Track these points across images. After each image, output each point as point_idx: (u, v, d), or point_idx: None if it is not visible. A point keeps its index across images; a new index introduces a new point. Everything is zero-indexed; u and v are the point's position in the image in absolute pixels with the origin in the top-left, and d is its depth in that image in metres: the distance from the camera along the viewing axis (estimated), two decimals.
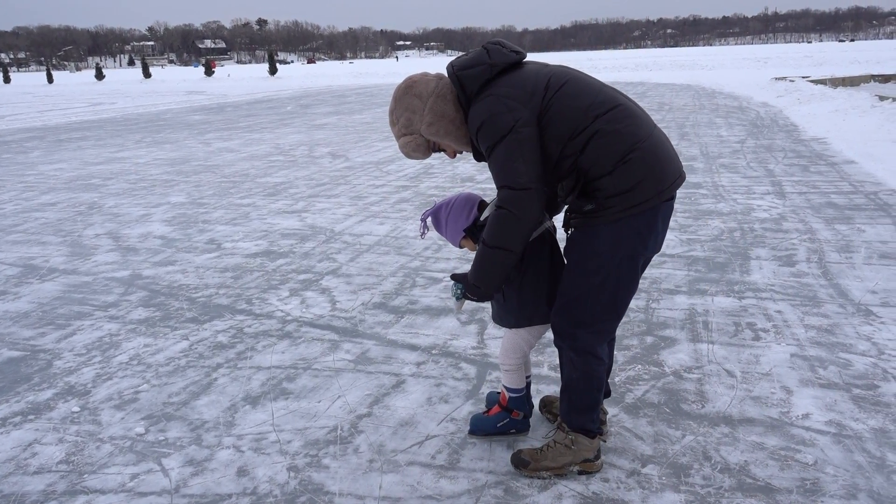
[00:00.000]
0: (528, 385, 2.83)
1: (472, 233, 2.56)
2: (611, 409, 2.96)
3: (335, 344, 3.75)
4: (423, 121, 2.35)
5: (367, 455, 2.70)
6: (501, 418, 2.77)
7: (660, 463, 2.58)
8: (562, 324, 2.44)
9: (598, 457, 2.56)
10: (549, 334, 2.69)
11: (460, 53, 2.56)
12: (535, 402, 2.96)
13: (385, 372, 3.40)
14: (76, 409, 3.14)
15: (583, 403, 2.52)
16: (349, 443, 2.79)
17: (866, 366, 3.27)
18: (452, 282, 2.53)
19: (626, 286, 2.37)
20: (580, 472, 2.54)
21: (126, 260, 5.49)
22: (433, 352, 3.61)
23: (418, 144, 2.40)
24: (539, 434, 2.81)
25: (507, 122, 2.20)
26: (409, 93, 2.38)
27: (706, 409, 2.95)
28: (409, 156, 2.46)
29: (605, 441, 2.72)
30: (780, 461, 2.56)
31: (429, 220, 2.65)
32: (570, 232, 2.43)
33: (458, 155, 2.52)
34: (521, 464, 2.55)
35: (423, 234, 2.71)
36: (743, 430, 2.77)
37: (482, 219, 2.52)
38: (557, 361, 3.38)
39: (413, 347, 3.67)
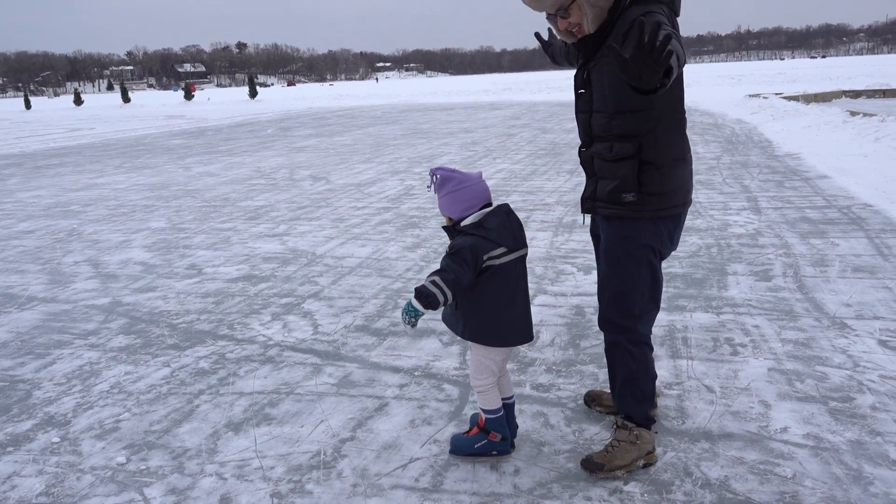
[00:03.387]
0: (511, 406, 2.85)
1: (450, 230, 2.60)
2: (591, 427, 2.99)
3: (317, 368, 3.75)
4: None
5: (350, 479, 2.70)
6: (479, 439, 2.78)
7: (641, 480, 2.61)
8: (616, 318, 2.64)
9: (654, 447, 2.71)
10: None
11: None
12: (524, 421, 2.97)
13: (368, 395, 3.41)
14: (56, 439, 3.12)
15: (644, 394, 2.70)
16: (332, 467, 2.79)
17: (842, 378, 3.32)
18: (407, 304, 2.49)
19: (661, 278, 2.66)
20: (644, 465, 2.67)
21: (106, 287, 5.46)
22: (416, 374, 3.62)
23: None
24: (523, 454, 2.82)
25: (666, 22, 2.26)
26: None
27: (686, 424, 2.98)
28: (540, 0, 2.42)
29: (656, 432, 2.83)
30: (759, 475, 2.60)
31: (438, 176, 2.60)
32: (600, 218, 2.66)
33: (568, 31, 2.50)
34: (596, 468, 2.63)
35: (429, 186, 2.69)
36: (723, 445, 2.81)
37: (465, 224, 2.56)
38: (541, 380, 3.42)
39: (396, 370, 3.68)
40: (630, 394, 2.70)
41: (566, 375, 3.50)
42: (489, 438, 2.76)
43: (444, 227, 2.69)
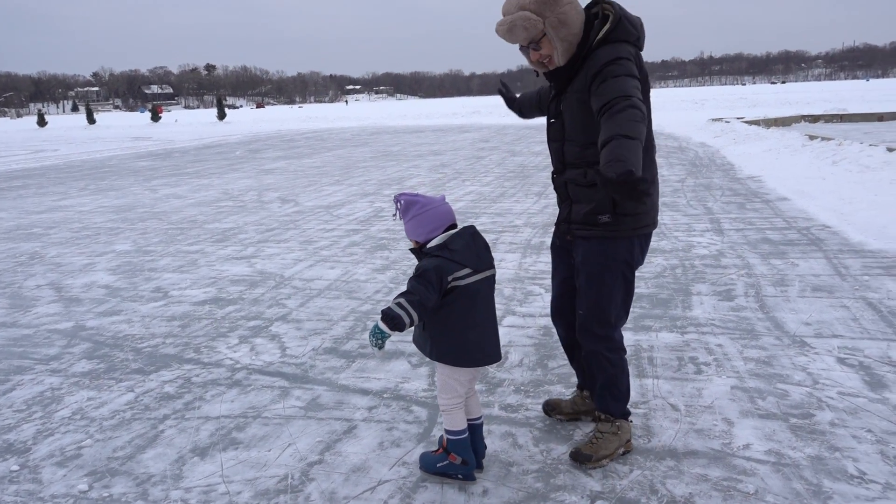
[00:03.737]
0: (479, 426, 2.85)
1: (417, 253, 2.64)
2: (559, 447, 3.02)
3: (285, 391, 3.73)
4: (555, 13, 2.56)
5: (318, 503, 2.68)
6: (440, 459, 2.79)
7: (608, 498, 2.63)
8: (595, 328, 2.83)
9: (631, 435, 2.97)
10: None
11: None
12: (492, 442, 2.98)
13: (336, 418, 3.39)
14: (15, 467, 3.05)
15: (623, 392, 2.94)
16: (300, 491, 2.77)
17: (802, 395, 3.40)
18: (374, 326, 2.50)
19: (632, 289, 2.88)
20: (624, 453, 2.91)
21: (69, 311, 5.37)
22: (385, 396, 3.62)
23: (531, 27, 2.56)
24: (491, 475, 2.83)
25: (633, 70, 2.56)
26: None
27: (652, 443, 3.02)
28: (511, 31, 2.59)
29: (631, 421, 3.06)
30: (722, 492, 2.64)
31: (402, 202, 2.64)
32: (576, 239, 2.83)
33: (539, 62, 2.68)
34: (584, 458, 2.83)
35: (394, 215, 2.73)
36: (687, 462, 2.85)
37: (430, 246, 2.60)
38: (509, 401, 3.44)
39: (364, 392, 3.68)
40: (609, 394, 2.92)
41: (534, 396, 3.52)
42: (450, 460, 2.76)
43: (411, 250, 2.72)
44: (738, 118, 22.87)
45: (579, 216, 2.78)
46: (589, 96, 2.59)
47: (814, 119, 23.44)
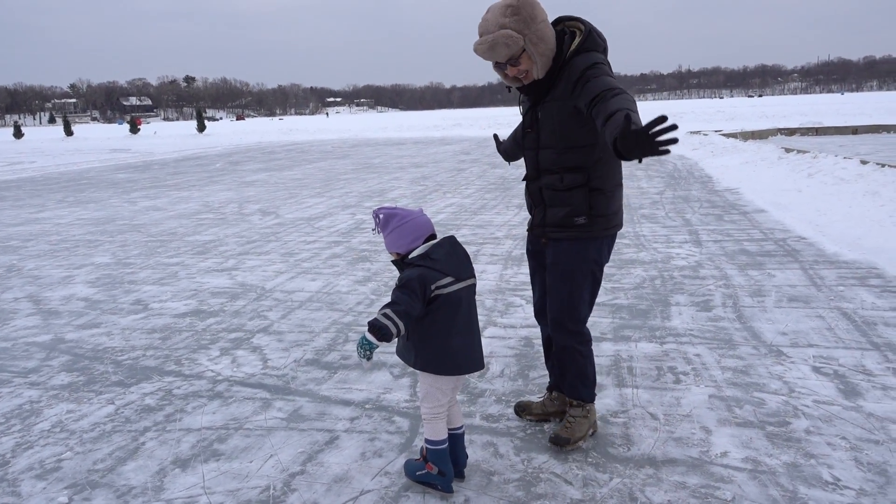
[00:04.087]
0: (460, 436, 2.87)
1: (399, 264, 2.67)
2: (540, 456, 3.05)
3: (267, 402, 3.73)
4: (533, 31, 2.74)
5: None
6: (419, 468, 2.81)
7: None
8: (568, 324, 3.04)
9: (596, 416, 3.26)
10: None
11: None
12: (474, 451, 3.00)
13: (318, 429, 3.40)
14: None
15: (590, 380, 3.16)
16: (282, 502, 2.77)
17: (778, 404, 3.46)
18: (362, 337, 2.52)
19: (598, 287, 3.10)
20: (592, 433, 3.19)
21: (47, 324, 5.32)
22: (367, 406, 3.63)
23: (513, 43, 2.71)
24: (473, 483, 2.85)
25: (610, 73, 2.82)
26: (531, 5, 2.75)
27: (632, 451, 3.06)
28: (492, 49, 2.73)
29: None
30: (700, 499, 2.68)
31: (381, 216, 2.69)
32: (549, 242, 3.02)
33: (516, 78, 2.85)
34: (563, 441, 3.06)
35: (374, 229, 2.77)
36: (666, 470, 2.89)
37: (412, 256, 2.64)
38: (491, 411, 3.46)
39: (346, 403, 3.68)
40: (580, 383, 3.14)
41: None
42: (427, 469, 2.77)
43: (393, 262, 2.75)
44: (716, 131, 23.17)
45: (555, 219, 2.96)
46: (571, 102, 2.79)
47: (790, 132, 23.81)
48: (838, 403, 3.43)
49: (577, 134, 2.84)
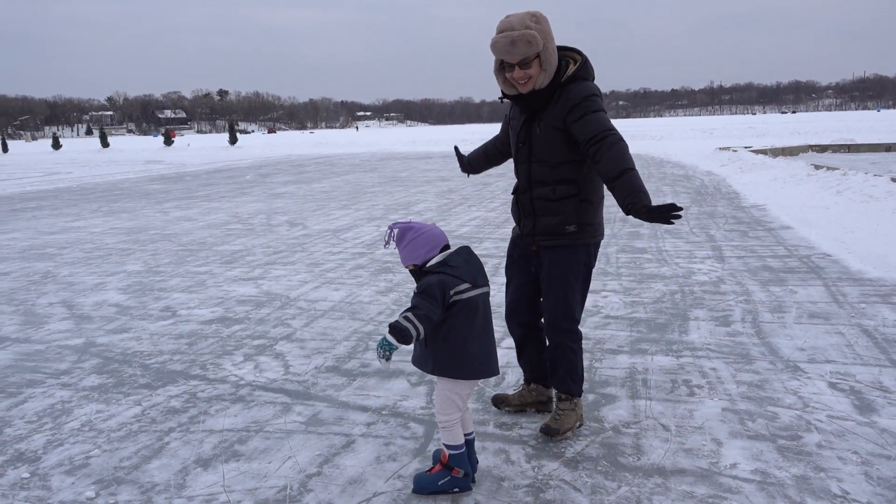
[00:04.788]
0: (471, 442, 2.95)
1: (417, 273, 2.76)
2: (550, 464, 3.10)
3: (287, 406, 3.83)
4: (549, 42, 3.00)
5: None
6: (443, 476, 2.86)
7: None
8: (563, 323, 3.27)
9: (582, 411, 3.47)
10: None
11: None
12: (486, 458, 3.07)
13: (335, 433, 3.49)
14: (26, 475, 3.16)
15: (579, 375, 3.39)
16: (298, 501, 2.86)
17: (792, 418, 3.47)
18: (382, 339, 2.61)
19: (588, 288, 3.35)
20: (579, 426, 3.39)
21: (80, 328, 5.51)
22: (383, 412, 3.72)
23: (534, 45, 2.92)
24: (483, 489, 2.92)
25: (604, 106, 3.11)
26: (547, 22, 3.02)
27: (641, 461, 3.10)
28: (514, 44, 2.91)
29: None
30: None
31: (396, 231, 2.81)
32: (540, 249, 3.25)
33: (520, 81, 3.05)
34: (553, 432, 3.26)
35: (387, 243, 2.87)
36: (675, 480, 2.93)
37: (430, 265, 2.74)
38: (504, 419, 3.53)
39: (364, 409, 3.77)
40: (570, 378, 3.36)
41: (528, 415, 3.61)
42: (452, 475, 2.85)
43: (410, 271, 2.84)
44: (745, 147, 23.01)
45: (546, 228, 3.19)
46: (564, 125, 3.05)
47: (822, 149, 23.56)
48: (852, 419, 3.43)
49: (570, 150, 3.09)
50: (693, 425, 3.43)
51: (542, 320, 3.45)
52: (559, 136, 3.07)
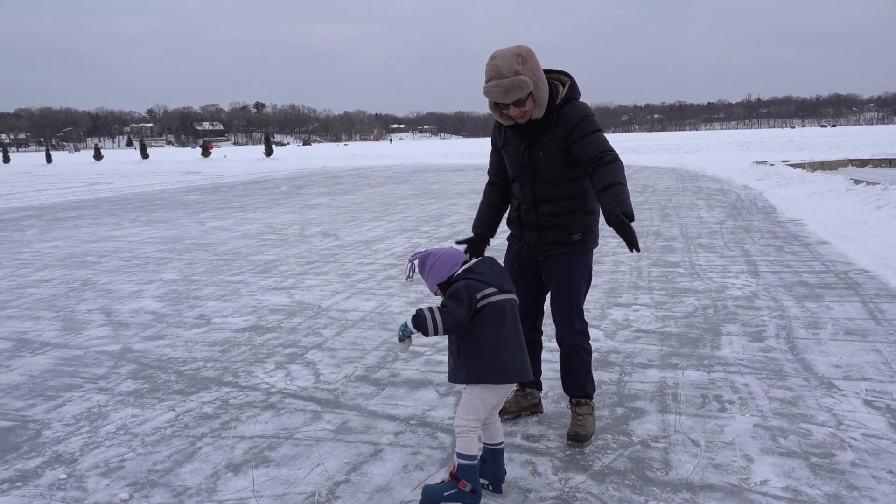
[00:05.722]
0: (500, 452, 2.94)
1: (444, 287, 2.82)
2: (577, 476, 3.09)
3: (317, 414, 3.88)
4: (538, 77, 3.13)
5: None
6: (449, 488, 2.80)
7: None
8: (576, 325, 3.43)
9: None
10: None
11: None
12: (513, 469, 3.07)
13: (364, 441, 3.52)
14: (63, 476, 3.24)
15: (591, 375, 3.54)
16: None
17: (825, 435, 3.41)
18: (404, 323, 2.80)
19: (588, 290, 3.55)
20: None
21: (117, 334, 5.63)
22: (411, 422, 3.74)
23: (525, 88, 3.06)
24: (510, 500, 2.91)
25: (600, 125, 3.27)
26: (533, 55, 3.12)
27: (670, 476, 3.08)
28: (507, 92, 3.05)
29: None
30: None
31: (416, 262, 2.92)
32: (548, 258, 3.40)
33: (515, 117, 3.20)
34: (583, 438, 3.35)
35: (408, 276, 2.97)
36: (703, 495, 2.90)
37: (456, 275, 2.83)
38: (532, 431, 3.53)
39: (392, 418, 3.80)
40: (585, 380, 3.50)
41: (556, 427, 3.61)
42: (459, 487, 2.79)
43: (439, 287, 2.91)
44: (783, 161, 22.67)
45: (553, 239, 3.37)
46: (566, 144, 3.22)
47: (862, 163, 23.11)
48: (888, 437, 3.37)
49: (572, 168, 3.28)
50: (723, 441, 3.39)
51: (553, 324, 3.57)
52: (561, 156, 3.25)
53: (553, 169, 3.29)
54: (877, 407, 3.72)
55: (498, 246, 4.52)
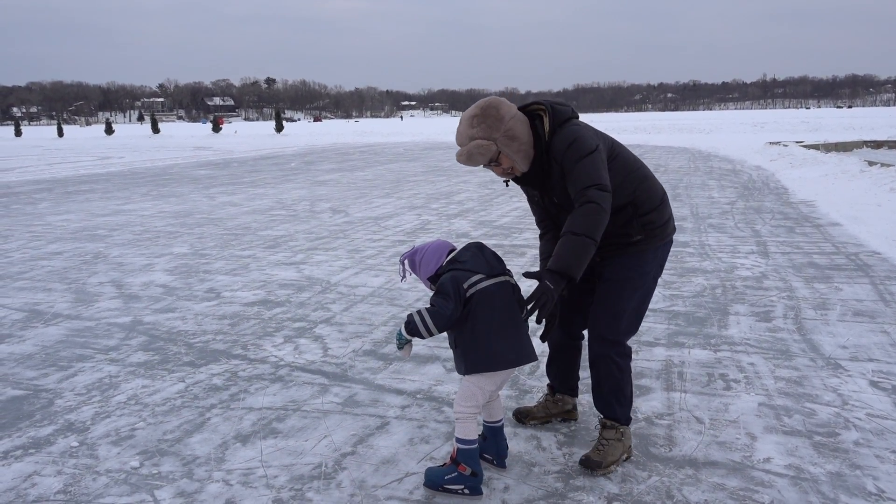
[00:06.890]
0: (499, 429, 2.95)
1: (435, 280, 2.83)
2: (582, 451, 3.12)
3: (325, 388, 3.92)
4: (503, 133, 2.79)
5: (348, 490, 2.85)
6: (449, 472, 2.80)
7: (625, 500, 2.73)
8: (609, 334, 2.98)
9: (632, 442, 3.11)
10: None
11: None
12: (517, 444, 3.10)
13: (371, 414, 3.56)
14: (75, 444, 3.30)
15: (628, 399, 3.06)
16: (332, 478, 2.94)
17: (829, 415, 3.42)
18: (399, 330, 2.79)
19: (648, 302, 3.08)
20: (626, 458, 3.02)
21: (128, 307, 5.69)
22: (418, 396, 3.77)
23: (487, 150, 2.80)
24: (514, 473, 2.95)
25: (592, 143, 2.82)
26: (495, 108, 2.82)
27: (673, 452, 3.10)
28: (470, 159, 2.83)
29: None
30: (738, 500, 2.71)
31: (406, 262, 2.91)
32: (604, 259, 3.01)
33: (505, 173, 2.94)
34: (595, 465, 2.91)
35: (403, 276, 2.96)
36: (706, 471, 2.92)
37: (441, 268, 2.84)
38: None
39: (399, 392, 3.84)
40: (616, 400, 3.03)
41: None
42: (459, 471, 2.78)
43: (430, 280, 2.92)
44: (797, 142, 22.46)
45: (610, 243, 2.93)
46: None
47: (877, 145, 22.87)
48: (892, 418, 3.37)
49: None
50: (728, 419, 3.41)
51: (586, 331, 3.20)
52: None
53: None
54: (882, 388, 3.73)
55: (498, 239, 4.51)
